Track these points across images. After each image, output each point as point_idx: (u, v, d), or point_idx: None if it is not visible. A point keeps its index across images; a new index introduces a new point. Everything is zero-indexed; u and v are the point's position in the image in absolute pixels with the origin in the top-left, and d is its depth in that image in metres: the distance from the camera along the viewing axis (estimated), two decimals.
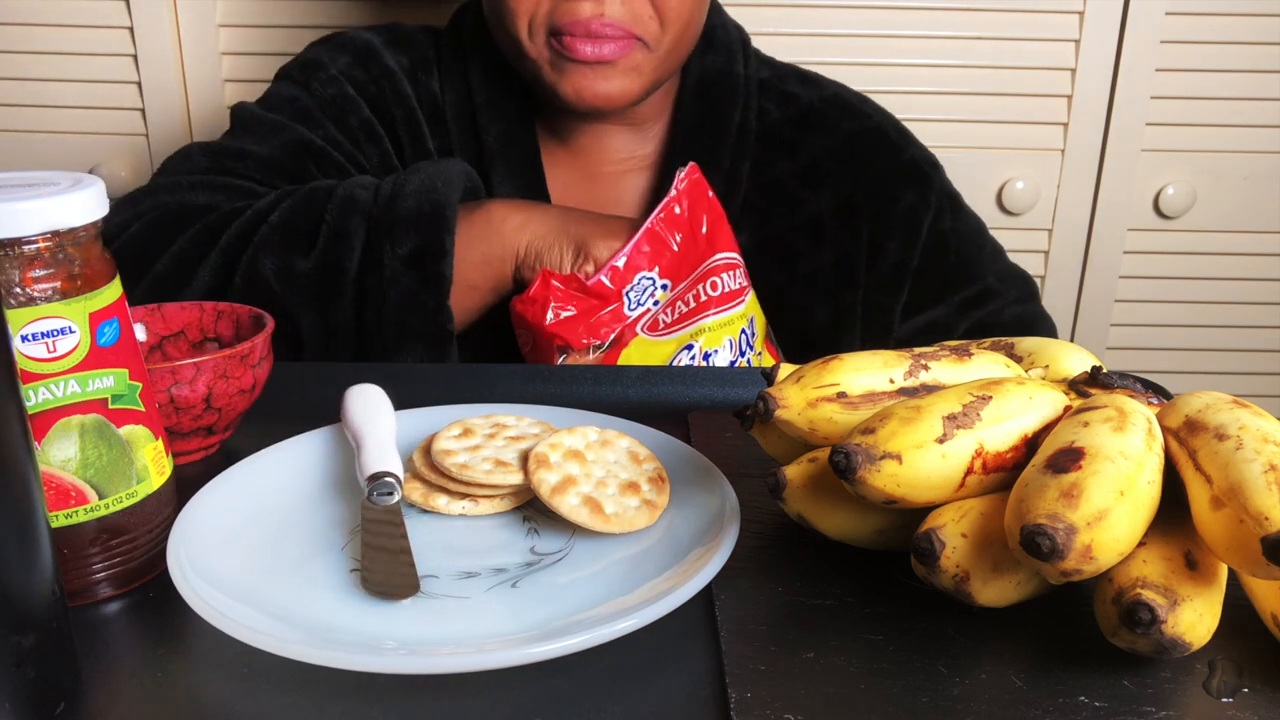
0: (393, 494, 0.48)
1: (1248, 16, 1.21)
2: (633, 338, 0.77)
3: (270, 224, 0.76)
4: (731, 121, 0.91)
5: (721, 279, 0.80)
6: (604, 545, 0.48)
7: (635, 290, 0.76)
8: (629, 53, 0.80)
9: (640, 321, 0.77)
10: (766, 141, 0.92)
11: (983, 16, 1.21)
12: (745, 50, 0.94)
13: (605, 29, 0.78)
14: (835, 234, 0.92)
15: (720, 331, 0.80)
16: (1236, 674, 0.40)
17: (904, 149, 0.95)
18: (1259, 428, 0.39)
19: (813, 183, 0.92)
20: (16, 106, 1.21)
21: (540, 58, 0.82)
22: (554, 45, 0.80)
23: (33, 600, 0.35)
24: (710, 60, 0.91)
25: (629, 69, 0.81)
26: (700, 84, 0.91)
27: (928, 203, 0.93)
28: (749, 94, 0.92)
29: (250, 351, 0.57)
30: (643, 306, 0.77)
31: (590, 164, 0.92)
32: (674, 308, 0.79)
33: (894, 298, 0.93)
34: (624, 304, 0.76)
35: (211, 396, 0.55)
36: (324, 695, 0.39)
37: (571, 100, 0.82)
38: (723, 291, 0.80)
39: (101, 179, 0.44)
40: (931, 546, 0.42)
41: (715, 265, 0.81)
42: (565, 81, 0.81)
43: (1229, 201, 1.29)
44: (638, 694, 0.39)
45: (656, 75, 0.84)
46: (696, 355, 0.79)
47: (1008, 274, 0.96)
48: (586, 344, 0.75)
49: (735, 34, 0.94)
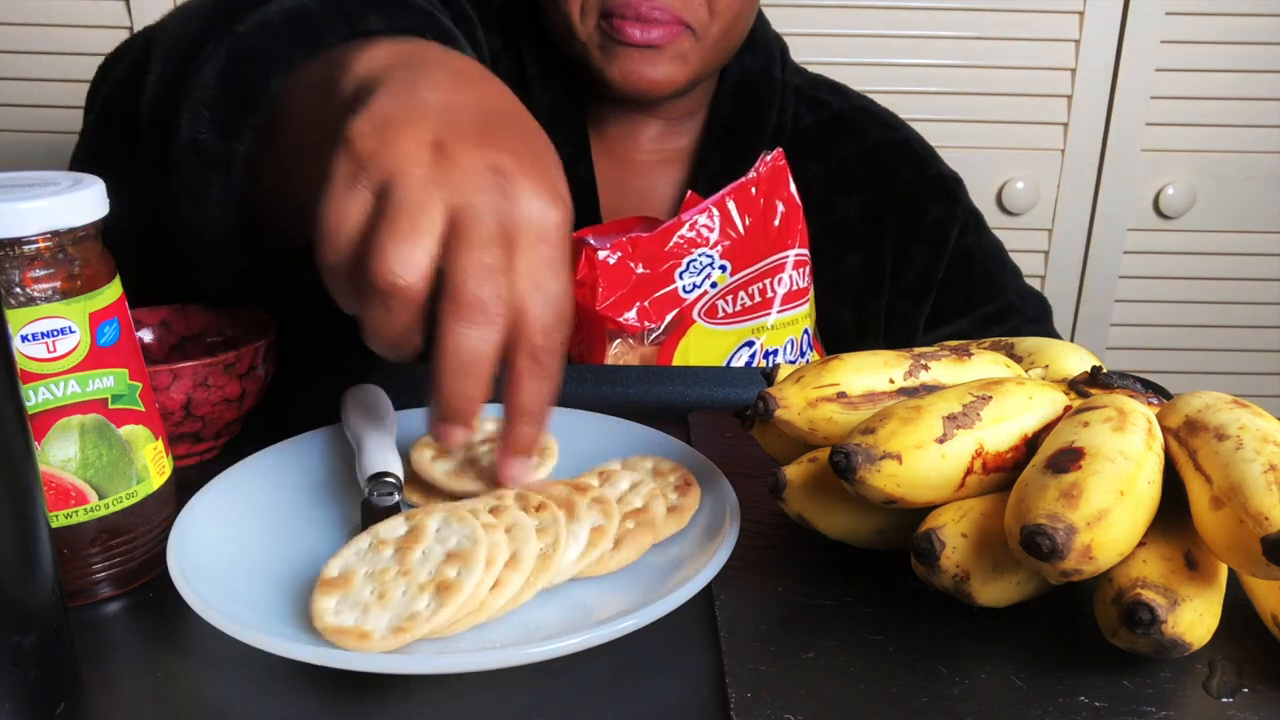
0: (393, 494, 0.48)
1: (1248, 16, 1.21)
2: (691, 324, 0.75)
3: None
4: (767, 123, 0.92)
5: (791, 276, 0.79)
6: None
7: (690, 271, 0.75)
8: (677, 39, 0.81)
9: (698, 305, 0.76)
10: (798, 145, 0.93)
11: (983, 16, 1.21)
12: (784, 58, 0.95)
13: (654, 13, 0.79)
14: (862, 239, 0.93)
15: (784, 330, 0.79)
16: (1236, 674, 0.40)
17: (931, 164, 0.97)
18: (1259, 428, 0.39)
19: (842, 187, 0.93)
20: (16, 106, 1.21)
21: (590, 40, 0.82)
22: (603, 27, 0.81)
23: (33, 600, 0.35)
24: (750, 61, 0.93)
25: (676, 56, 0.82)
26: (738, 83, 0.92)
27: (955, 215, 0.94)
28: (785, 98, 0.93)
29: (236, 360, 0.55)
30: (699, 289, 0.75)
31: (624, 151, 0.93)
32: (735, 297, 0.77)
33: (919, 306, 0.94)
34: (678, 286, 0.75)
35: (191, 404, 0.54)
36: (324, 695, 0.39)
37: (619, 84, 0.82)
38: (791, 289, 0.79)
39: (101, 179, 0.43)
40: (931, 546, 0.42)
41: (785, 260, 0.79)
42: (613, 65, 0.82)
43: (1229, 201, 1.29)
44: (638, 694, 0.39)
45: (703, 65, 0.84)
46: (757, 353, 0.78)
47: (1026, 293, 0.98)
48: (643, 328, 0.73)
49: (775, 41, 0.96)
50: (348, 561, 0.43)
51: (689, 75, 0.83)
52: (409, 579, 0.41)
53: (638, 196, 0.90)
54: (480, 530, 0.42)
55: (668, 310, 0.75)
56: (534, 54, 0.89)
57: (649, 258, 0.75)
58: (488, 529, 0.42)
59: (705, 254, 0.75)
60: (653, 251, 0.75)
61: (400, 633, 0.38)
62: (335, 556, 0.43)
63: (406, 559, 0.42)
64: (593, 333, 0.75)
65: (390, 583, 0.41)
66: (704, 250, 0.75)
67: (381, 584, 0.41)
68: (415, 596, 0.40)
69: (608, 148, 0.92)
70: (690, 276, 0.75)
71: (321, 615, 0.40)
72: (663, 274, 0.75)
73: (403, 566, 0.41)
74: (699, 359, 0.76)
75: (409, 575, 0.41)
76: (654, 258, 0.75)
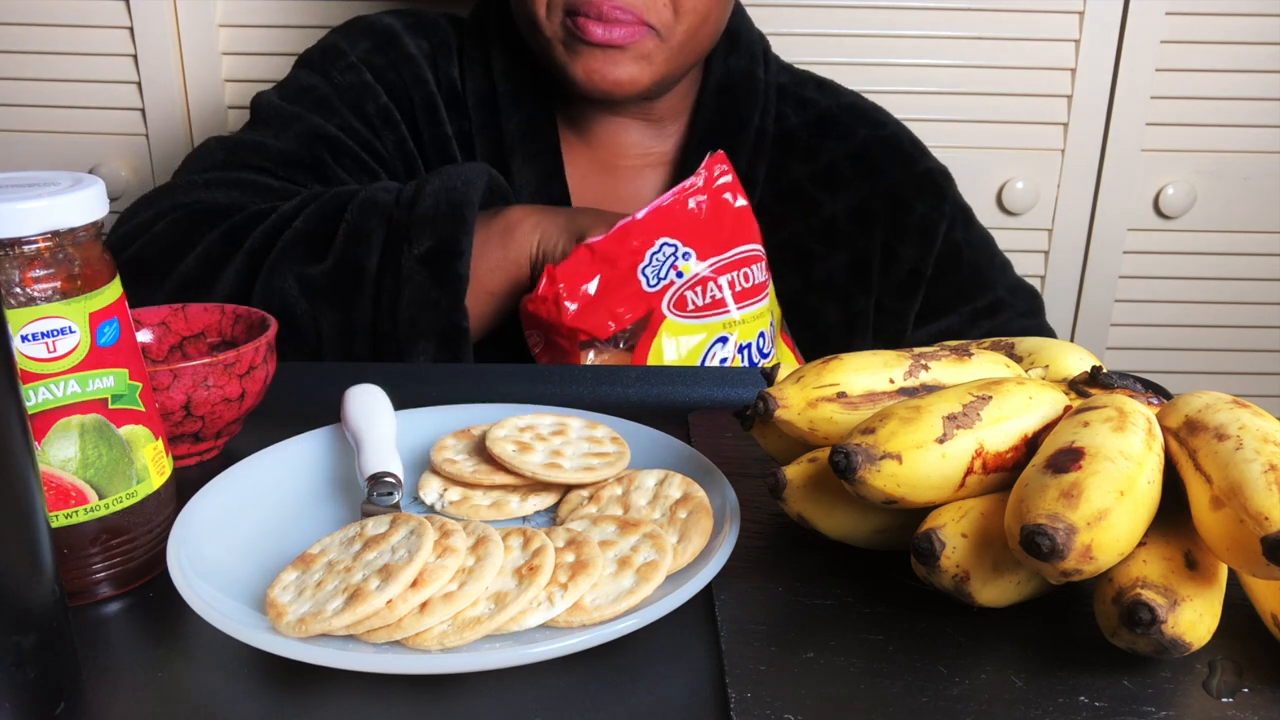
0: (392, 494, 0.48)
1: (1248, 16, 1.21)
2: (661, 320, 0.75)
3: (295, 229, 0.76)
4: (751, 124, 0.92)
5: (751, 271, 0.79)
6: None
7: (654, 264, 0.74)
8: (639, 39, 0.81)
9: (666, 297, 0.75)
10: (784, 145, 0.93)
11: (983, 16, 1.21)
12: (766, 56, 0.95)
13: (616, 12, 0.79)
14: (849, 238, 0.93)
15: (754, 324, 0.79)
16: (1236, 674, 0.40)
17: (919, 159, 0.96)
18: (1259, 428, 0.39)
19: (829, 186, 0.93)
20: (16, 106, 1.21)
21: (554, 36, 0.83)
22: (568, 25, 0.81)
23: (33, 600, 0.35)
24: (733, 62, 0.92)
25: (639, 56, 0.82)
26: (722, 85, 0.92)
27: (942, 212, 0.94)
28: (769, 98, 0.93)
29: (236, 360, 0.55)
30: (664, 280, 0.75)
31: (607, 157, 0.93)
32: (705, 289, 0.77)
33: (908, 304, 0.94)
34: (642, 281, 0.74)
35: (191, 404, 0.54)
36: (324, 695, 0.39)
37: (581, 82, 0.83)
38: (753, 284, 0.79)
39: (101, 179, 0.43)
40: (931, 546, 0.42)
41: (745, 255, 0.79)
42: (577, 63, 0.82)
43: (1229, 201, 1.29)
44: (638, 694, 0.39)
45: (669, 67, 0.84)
46: (731, 348, 0.78)
47: (1017, 287, 0.98)
48: (612, 328, 0.73)
49: (758, 39, 0.96)
50: (326, 545, 0.44)
51: (653, 76, 0.83)
52: (346, 576, 0.41)
53: (621, 202, 0.90)
54: (427, 550, 0.41)
55: (636, 310, 0.74)
56: (505, 69, 0.90)
57: (609, 261, 0.74)
58: (447, 553, 0.41)
59: (668, 243, 0.75)
60: (612, 254, 0.74)
61: (302, 623, 0.39)
62: (328, 536, 0.45)
63: (362, 557, 0.42)
64: (564, 347, 0.75)
65: (335, 574, 0.42)
66: (665, 240, 0.75)
67: (329, 573, 0.42)
68: (335, 595, 0.40)
69: (591, 154, 0.92)
70: (654, 267, 0.75)
71: (275, 584, 0.42)
72: (625, 274, 0.74)
73: (354, 563, 0.42)
74: (673, 356, 0.75)
75: (349, 572, 0.41)
76: (614, 260, 0.74)
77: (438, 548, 0.42)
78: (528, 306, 0.75)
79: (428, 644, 0.39)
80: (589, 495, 0.50)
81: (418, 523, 0.43)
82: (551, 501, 0.51)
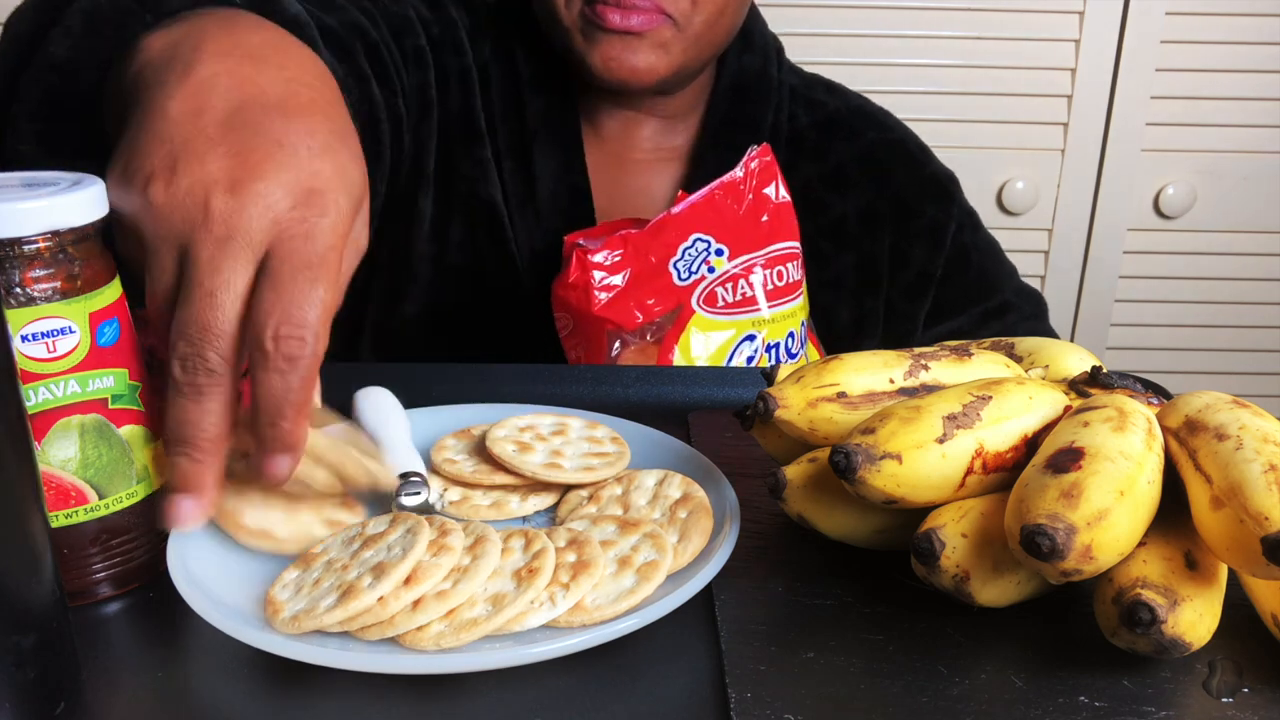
0: (420, 492, 0.49)
1: (1248, 16, 1.21)
2: (690, 315, 0.75)
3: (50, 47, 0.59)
4: (764, 122, 0.92)
5: (786, 269, 0.79)
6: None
7: (685, 258, 0.74)
8: (656, 27, 0.82)
9: (696, 292, 0.75)
10: (794, 145, 0.94)
11: (983, 16, 1.21)
12: (779, 57, 0.96)
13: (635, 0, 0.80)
14: (858, 239, 0.93)
15: (784, 324, 0.79)
16: (1236, 674, 0.40)
17: (926, 163, 0.97)
18: (1259, 428, 0.39)
19: (838, 187, 0.94)
20: None
21: (573, 25, 0.83)
22: (586, 13, 0.82)
23: (33, 600, 0.35)
24: (748, 60, 0.93)
25: (656, 45, 0.82)
26: (736, 83, 0.93)
27: (951, 215, 0.95)
28: (781, 98, 0.94)
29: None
30: (695, 274, 0.75)
31: (620, 150, 0.93)
32: (735, 285, 0.77)
33: (917, 305, 0.95)
34: (673, 275, 0.74)
35: None
36: (324, 695, 0.39)
37: (599, 70, 0.83)
38: (787, 282, 0.79)
39: (101, 179, 0.43)
40: (931, 546, 0.42)
41: (780, 253, 0.79)
42: (594, 51, 0.82)
43: (1229, 201, 1.29)
44: (638, 694, 0.39)
45: (685, 57, 0.84)
46: (759, 347, 0.78)
47: (1023, 290, 0.99)
48: (640, 320, 0.73)
49: (771, 40, 0.96)
50: (328, 544, 0.44)
51: (671, 66, 0.84)
52: (342, 574, 0.41)
53: (633, 196, 0.91)
54: (421, 548, 0.41)
55: (666, 304, 0.75)
56: (527, 57, 0.90)
57: (642, 254, 0.75)
58: (443, 551, 0.41)
59: (700, 238, 0.75)
60: (646, 247, 0.75)
61: (296, 620, 0.39)
62: (332, 535, 0.45)
63: (359, 555, 0.42)
64: (591, 335, 0.75)
65: (332, 573, 0.42)
66: (699, 235, 0.75)
67: (327, 572, 0.42)
68: (329, 592, 0.40)
69: (604, 147, 0.93)
70: (685, 261, 0.75)
71: (276, 582, 0.42)
72: (657, 267, 0.75)
73: (352, 561, 0.42)
74: (702, 352, 0.76)
75: (345, 570, 0.41)
76: (647, 253, 0.75)
77: (434, 546, 0.42)
78: (558, 291, 0.75)
79: (425, 644, 0.39)
80: (589, 495, 0.50)
81: (415, 521, 0.43)
82: (551, 501, 0.51)
